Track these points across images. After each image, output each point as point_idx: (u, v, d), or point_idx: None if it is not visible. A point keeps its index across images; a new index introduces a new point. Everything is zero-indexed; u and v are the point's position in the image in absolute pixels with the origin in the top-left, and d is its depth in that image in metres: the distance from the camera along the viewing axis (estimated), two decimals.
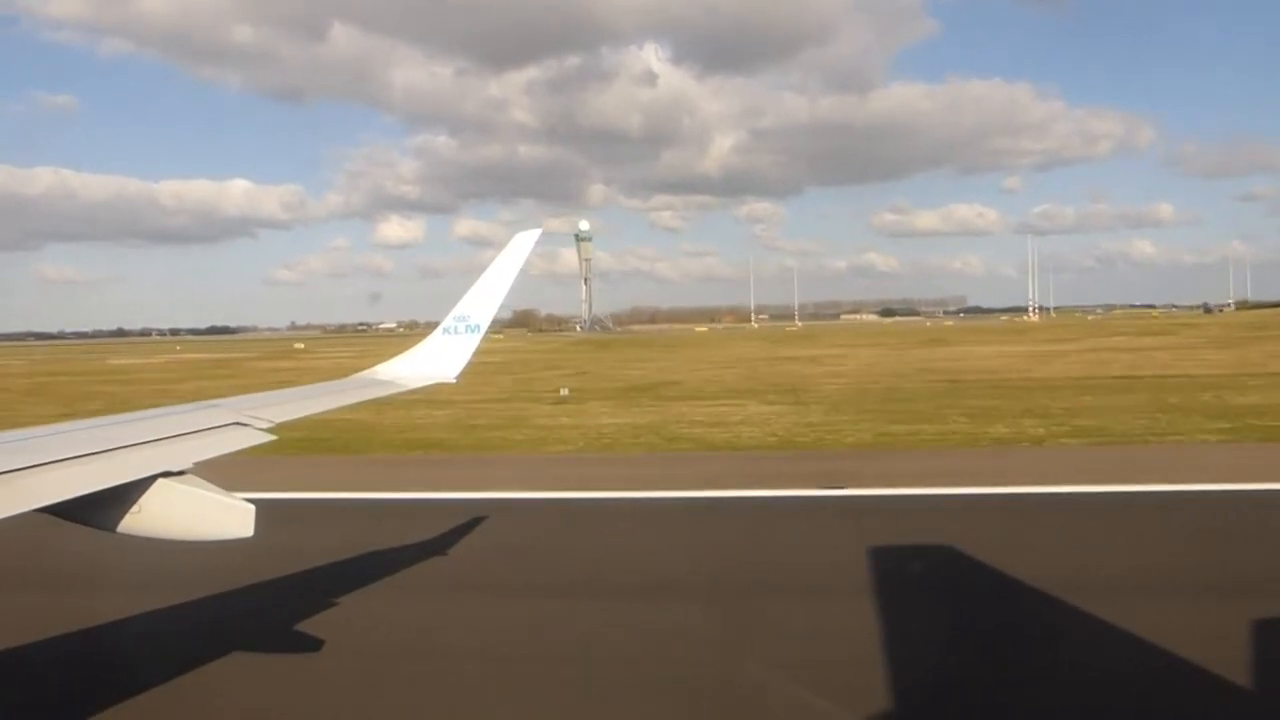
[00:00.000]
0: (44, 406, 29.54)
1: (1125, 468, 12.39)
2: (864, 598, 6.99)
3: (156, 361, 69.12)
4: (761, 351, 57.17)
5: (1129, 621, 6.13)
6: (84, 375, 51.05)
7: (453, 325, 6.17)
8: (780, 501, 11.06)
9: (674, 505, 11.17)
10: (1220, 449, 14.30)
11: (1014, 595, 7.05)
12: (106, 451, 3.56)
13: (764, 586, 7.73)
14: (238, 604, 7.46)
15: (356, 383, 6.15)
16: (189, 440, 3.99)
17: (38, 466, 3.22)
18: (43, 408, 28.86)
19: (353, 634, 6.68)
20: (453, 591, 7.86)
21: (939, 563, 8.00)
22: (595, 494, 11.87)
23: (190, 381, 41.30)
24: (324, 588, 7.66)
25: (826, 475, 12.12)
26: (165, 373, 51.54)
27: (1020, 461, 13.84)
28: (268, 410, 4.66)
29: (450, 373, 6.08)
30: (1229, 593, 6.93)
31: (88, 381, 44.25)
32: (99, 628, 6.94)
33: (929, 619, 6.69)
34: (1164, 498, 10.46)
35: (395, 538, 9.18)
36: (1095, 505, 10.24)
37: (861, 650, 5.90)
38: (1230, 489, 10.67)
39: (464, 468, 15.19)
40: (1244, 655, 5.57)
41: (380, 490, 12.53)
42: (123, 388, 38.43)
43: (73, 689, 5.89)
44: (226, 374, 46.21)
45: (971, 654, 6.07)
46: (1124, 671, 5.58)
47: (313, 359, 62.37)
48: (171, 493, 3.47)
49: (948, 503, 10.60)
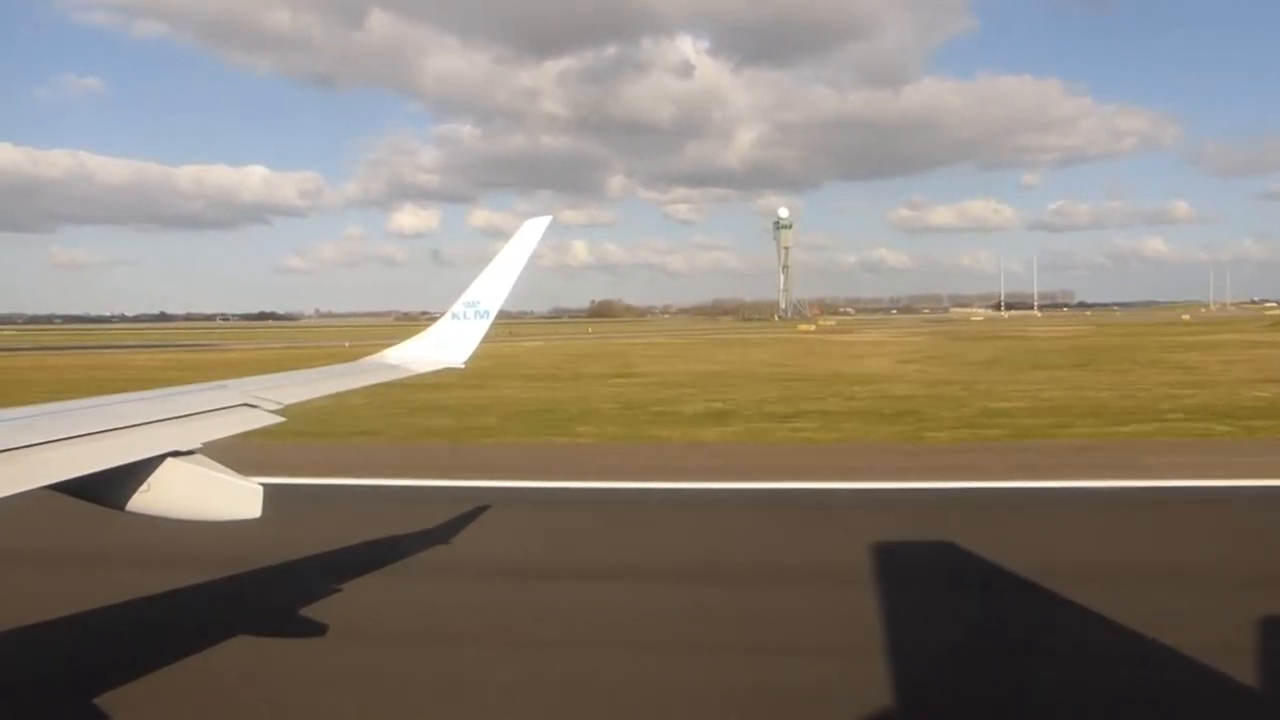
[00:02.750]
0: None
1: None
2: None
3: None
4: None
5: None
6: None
7: (462, 311, 6.18)
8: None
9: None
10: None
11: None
12: (116, 430, 3.55)
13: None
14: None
15: (365, 366, 6.16)
16: (198, 420, 3.99)
17: (48, 444, 3.22)
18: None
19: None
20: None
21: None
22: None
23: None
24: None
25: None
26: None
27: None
28: (276, 392, 4.65)
29: (459, 358, 6.10)
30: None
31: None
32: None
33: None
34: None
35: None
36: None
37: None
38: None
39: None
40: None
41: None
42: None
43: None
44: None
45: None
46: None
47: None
48: (180, 472, 3.47)
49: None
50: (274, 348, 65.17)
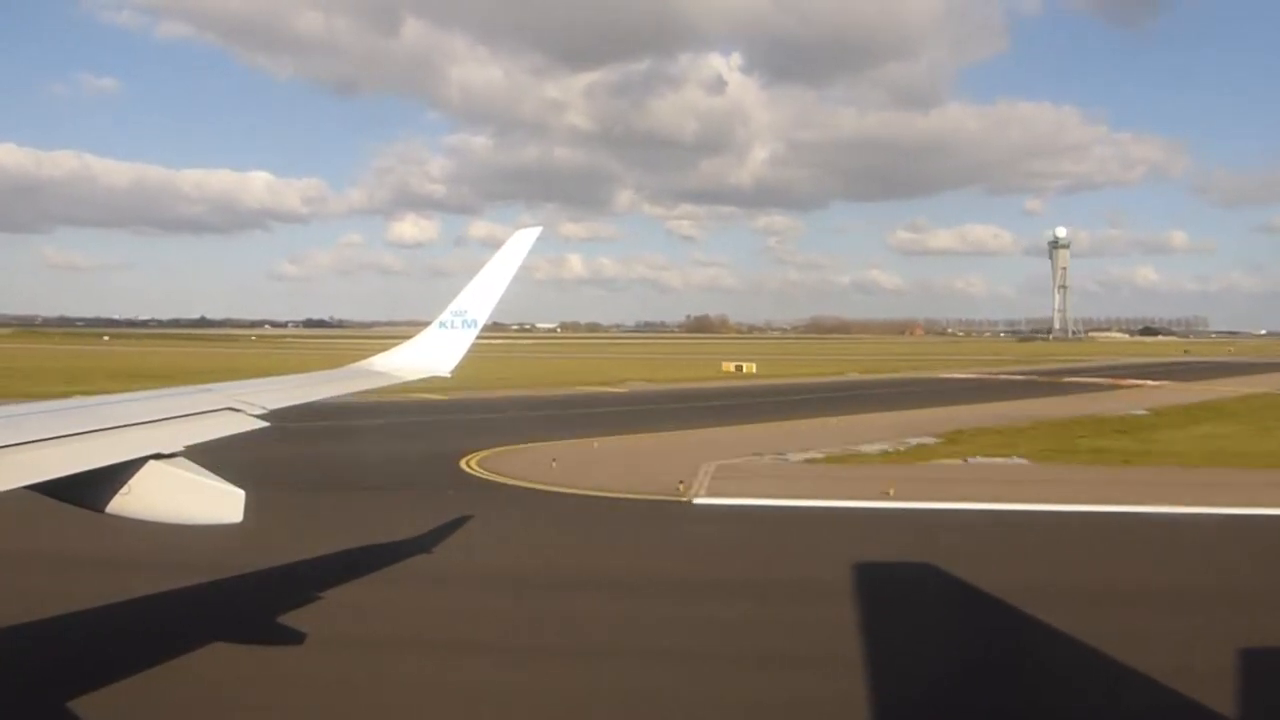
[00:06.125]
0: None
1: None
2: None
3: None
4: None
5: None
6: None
7: (450, 319, 6.13)
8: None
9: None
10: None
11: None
12: (99, 431, 3.51)
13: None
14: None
15: (350, 373, 6.13)
16: (182, 424, 3.94)
17: (30, 443, 3.17)
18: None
19: None
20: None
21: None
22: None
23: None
24: None
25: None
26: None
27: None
28: (261, 396, 4.62)
29: (445, 366, 6.04)
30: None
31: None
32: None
33: None
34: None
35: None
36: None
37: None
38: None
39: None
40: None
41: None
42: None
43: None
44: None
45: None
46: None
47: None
48: (162, 475, 3.41)
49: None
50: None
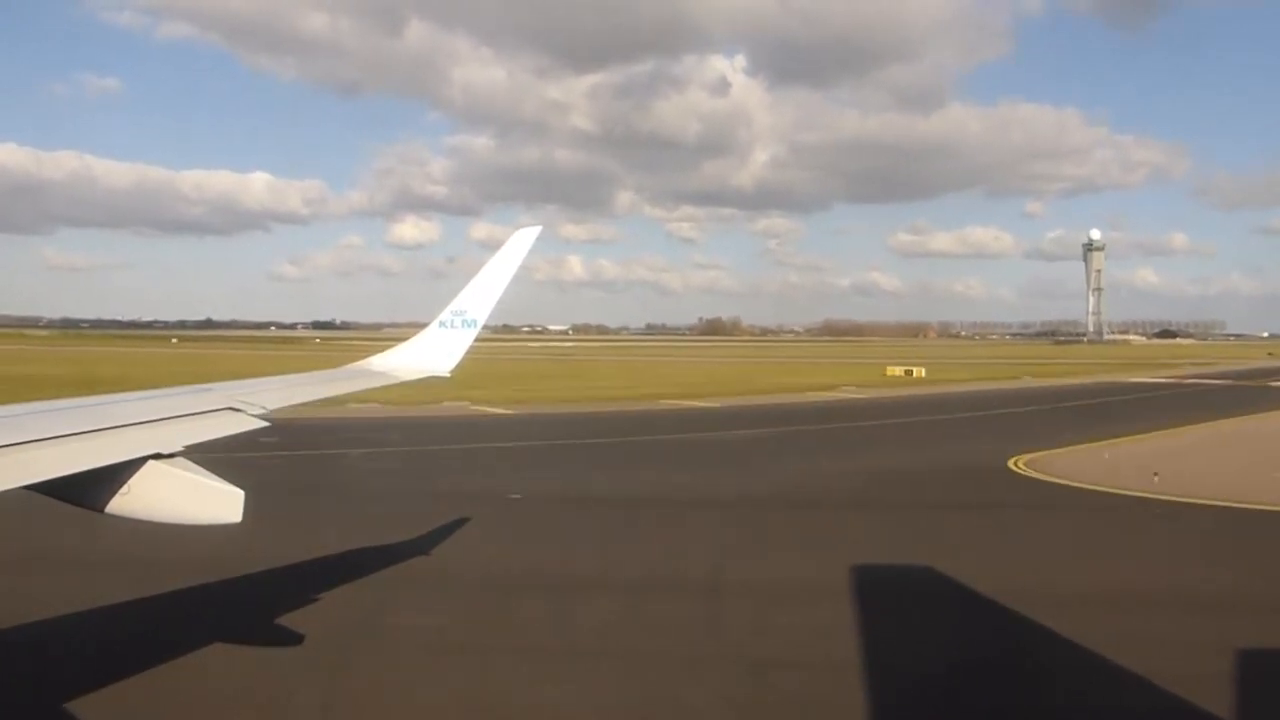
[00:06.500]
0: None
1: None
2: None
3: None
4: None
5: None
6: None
7: (449, 319, 6.12)
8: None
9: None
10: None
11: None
12: (99, 431, 3.50)
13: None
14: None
15: (349, 373, 6.12)
16: (181, 423, 3.94)
17: (29, 443, 3.17)
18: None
19: None
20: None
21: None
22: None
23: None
24: None
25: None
26: None
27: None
28: (260, 396, 4.62)
29: (444, 366, 6.03)
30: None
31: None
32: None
33: None
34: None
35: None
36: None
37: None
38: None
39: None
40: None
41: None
42: None
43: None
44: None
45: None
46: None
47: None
48: (161, 475, 3.41)
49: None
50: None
